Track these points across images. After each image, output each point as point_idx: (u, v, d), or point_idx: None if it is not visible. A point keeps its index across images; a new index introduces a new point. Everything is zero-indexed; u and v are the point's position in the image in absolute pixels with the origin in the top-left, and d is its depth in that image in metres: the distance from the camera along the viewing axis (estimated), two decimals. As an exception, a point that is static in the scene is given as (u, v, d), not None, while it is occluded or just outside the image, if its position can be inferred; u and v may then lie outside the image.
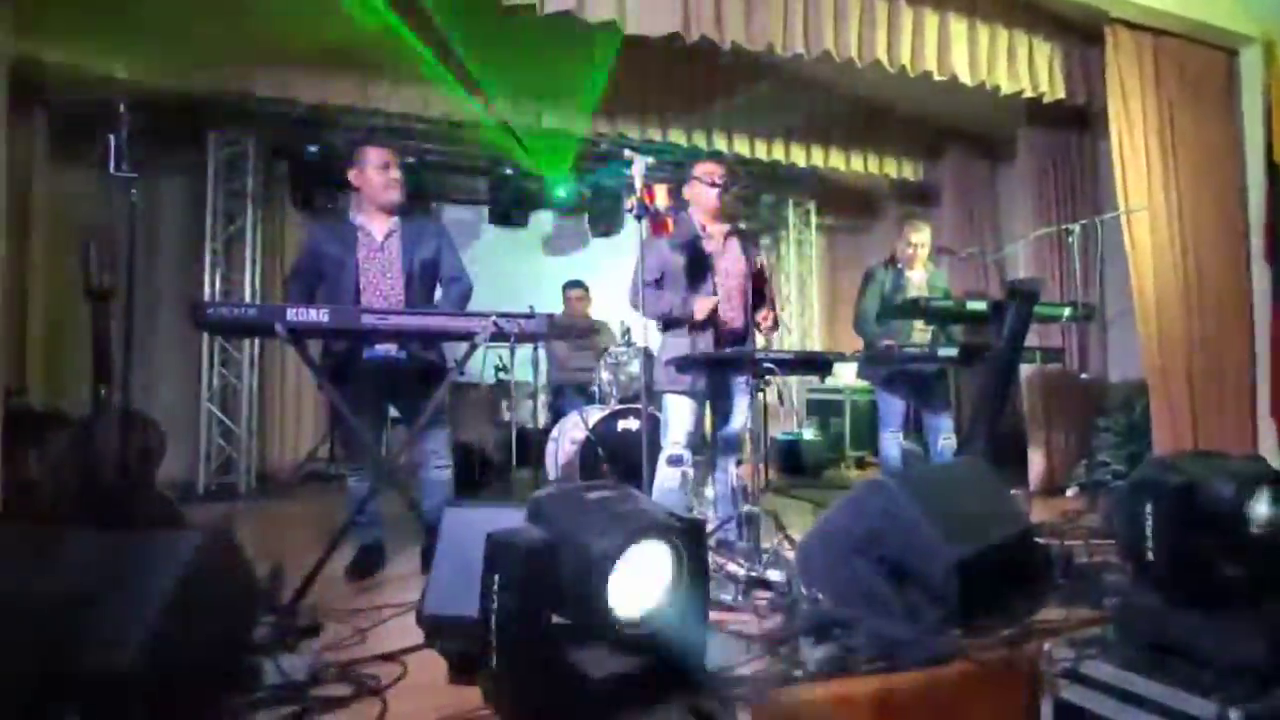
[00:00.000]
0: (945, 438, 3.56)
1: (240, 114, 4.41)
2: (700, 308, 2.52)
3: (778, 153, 4.93)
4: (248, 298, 4.69)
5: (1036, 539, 2.22)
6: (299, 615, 1.97)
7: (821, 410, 5.74)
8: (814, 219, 6.56)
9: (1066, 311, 3.23)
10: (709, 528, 2.42)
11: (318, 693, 1.52)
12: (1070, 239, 3.42)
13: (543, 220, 6.02)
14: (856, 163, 5.20)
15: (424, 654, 1.72)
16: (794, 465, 5.12)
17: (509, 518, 1.64)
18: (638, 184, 2.14)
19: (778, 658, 1.63)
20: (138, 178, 1.84)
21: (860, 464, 5.59)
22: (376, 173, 2.46)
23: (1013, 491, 3.53)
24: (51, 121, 4.15)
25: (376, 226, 2.51)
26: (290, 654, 1.58)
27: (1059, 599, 2.05)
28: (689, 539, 1.09)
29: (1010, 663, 1.69)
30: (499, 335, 2.13)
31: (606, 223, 5.95)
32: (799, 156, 5.01)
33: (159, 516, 1.94)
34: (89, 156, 4.63)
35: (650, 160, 2.15)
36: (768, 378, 2.20)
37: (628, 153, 2.14)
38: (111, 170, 1.82)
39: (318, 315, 2.01)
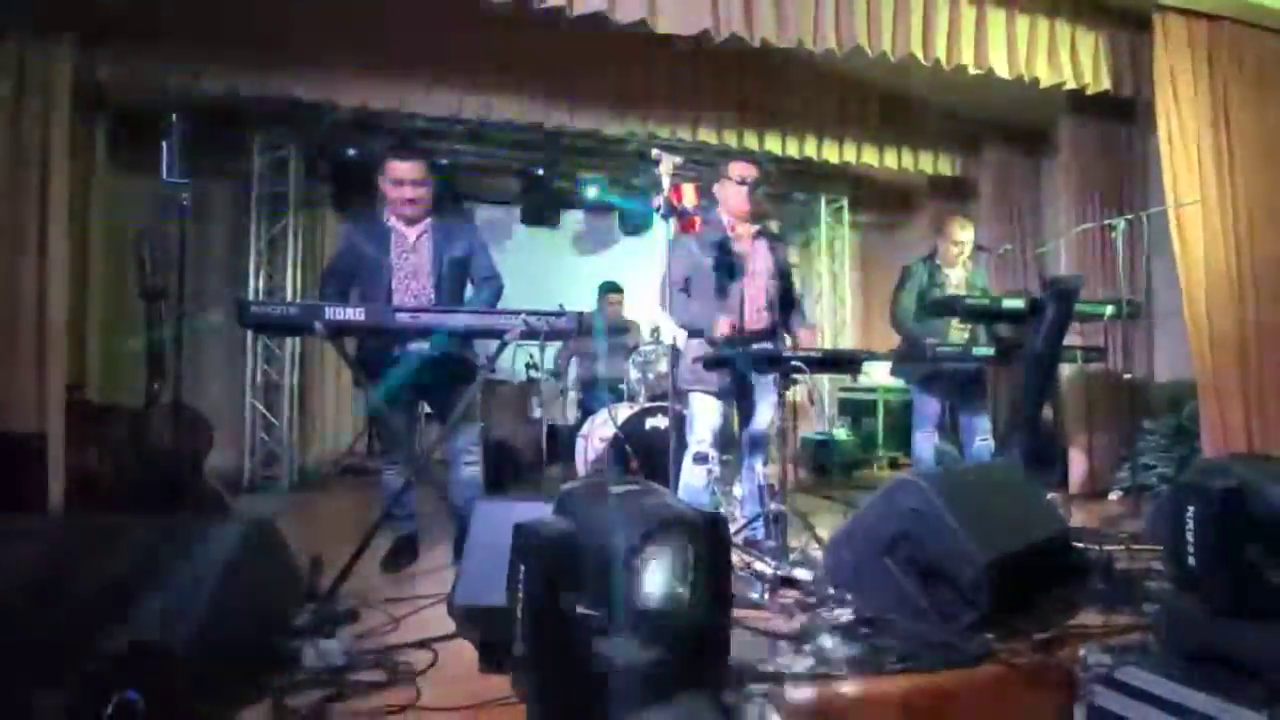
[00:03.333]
0: (982, 438, 3.49)
1: (283, 118, 4.55)
2: (719, 329, 2.51)
3: (810, 150, 4.87)
4: (289, 296, 4.85)
5: (1073, 543, 2.16)
6: (337, 603, 2.04)
7: (854, 409, 5.67)
8: (847, 216, 6.47)
9: (1109, 309, 3.14)
10: (734, 526, 2.43)
11: (353, 677, 1.58)
12: (1114, 234, 3.31)
13: (573, 220, 6.07)
14: (891, 159, 5.10)
15: (455, 643, 1.77)
16: (825, 465, 5.07)
17: (538, 512, 1.69)
18: (665, 183, 2.15)
19: (805, 654, 1.64)
20: (189, 184, 1.92)
21: (893, 464, 5.51)
22: (393, 187, 2.53)
23: (1051, 495, 3.45)
24: (111, 128, 4.35)
25: (409, 227, 2.58)
26: (328, 640, 1.63)
27: (1098, 604, 2.01)
28: (710, 532, 1.11)
29: (1042, 667, 1.66)
30: (529, 334, 2.17)
31: (636, 222, 5.98)
32: (831, 153, 4.94)
33: (207, 506, 2.03)
34: (145, 162, 4.87)
35: (678, 159, 2.16)
36: (795, 377, 2.19)
37: (655, 151, 2.15)
38: (164, 177, 1.90)
39: (354, 314, 2.07)
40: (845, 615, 1.81)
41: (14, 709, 1.28)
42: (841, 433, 5.36)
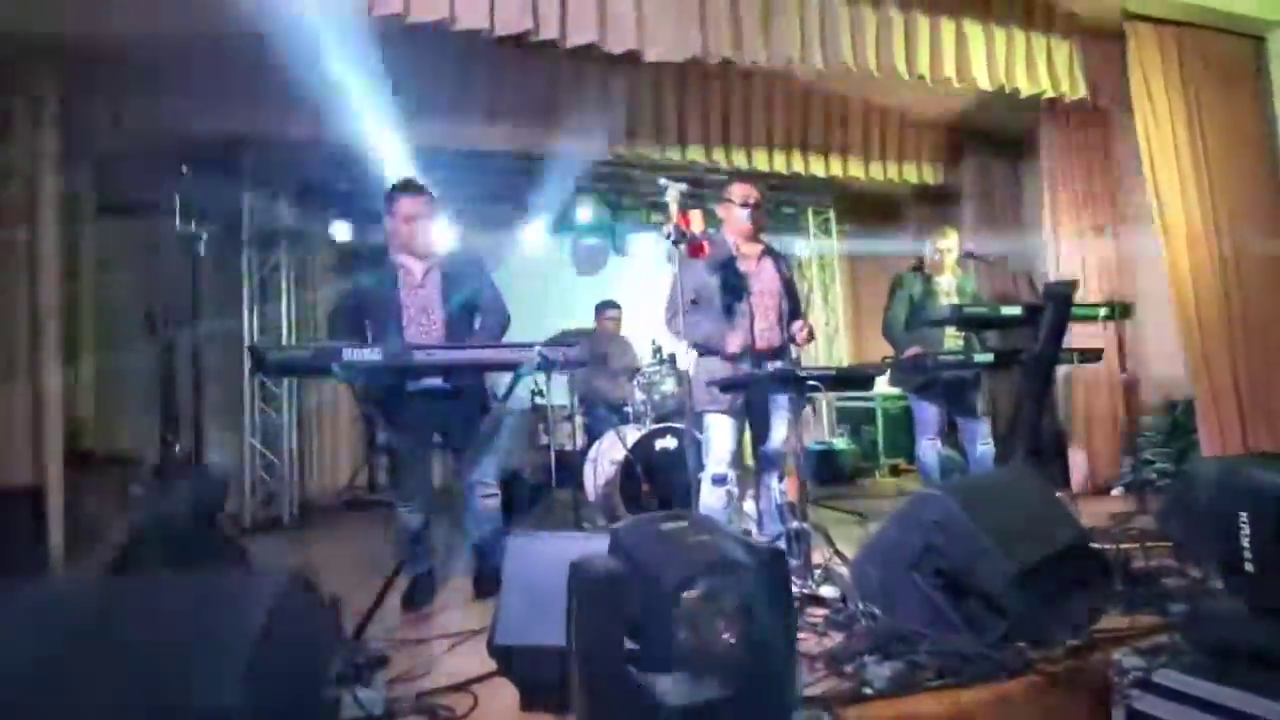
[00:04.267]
0: (983, 442, 3.54)
1: (273, 155, 4.54)
2: (731, 344, 2.54)
3: (796, 164, 4.95)
4: (284, 334, 4.81)
5: (1092, 544, 2.20)
6: (364, 647, 2.01)
7: (853, 418, 5.71)
8: (834, 227, 6.56)
9: (1103, 311, 3.21)
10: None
11: (395, 725, 1.56)
12: (1104, 237, 3.39)
13: (564, 241, 6.10)
14: (875, 170, 5.20)
15: (491, 683, 1.75)
16: (827, 475, 5.10)
17: (570, 546, 1.68)
18: (673, 210, 2.18)
19: (843, 676, 1.64)
20: (203, 235, 1.91)
21: (894, 471, 5.55)
22: (404, 224, 2.53)
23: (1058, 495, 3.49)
24: (98, 173, 4.31)
25: (415, 264, 2.58)
26: (366, 688, 1.61)
27: (1120, 606, 2.03)
28: (768, 569, 1.11)
29: (1078, 673, 1.68)
30: (543, 365, 2.17)
31: (627, 242, 6.02)
32: (817, 167, 5.03)
33: (228, 557, 2.00)
34: (134, 206, 4.84)
35: (684, 186, 2.19)
36: (811, 394, 2.21)
37: (662, 180, 2.19)
38: (178, 227, 1.89)
39: (371, 354, 2.07)
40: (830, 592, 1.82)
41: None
42: (842, 442, 5.40)
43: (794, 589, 2.12)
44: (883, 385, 5.04)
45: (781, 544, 2.48)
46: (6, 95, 3.39)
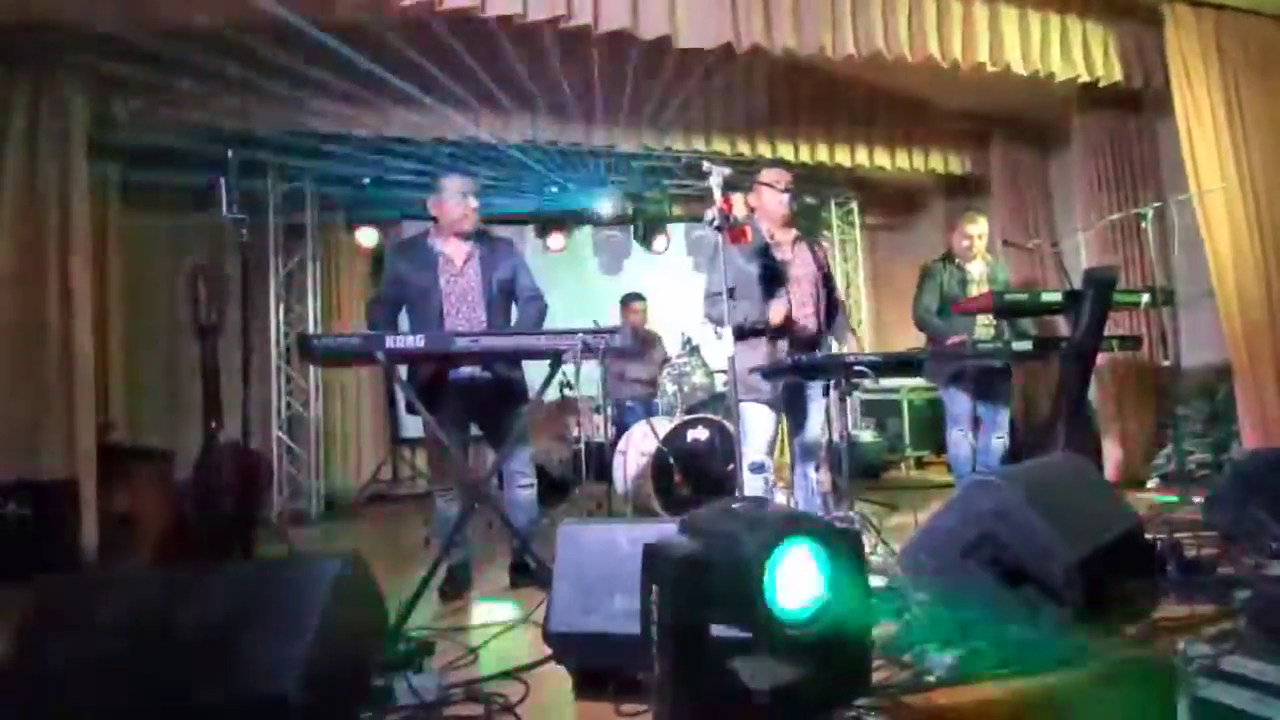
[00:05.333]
0: (999, 435, 3.48)
1: (300, 149, 4.55)
2: (775, 313, 2.51)
3: (821, 155, 4.89)
4: (310, 326, 4.83)
5: (1146, 534, 2.15)
6: (408, 635, 2.01)
7: (878, 411, 5.66)
8: (857, 219, 6.50)
9: (1145, 298, 3.15)
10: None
11: (451, 712, 1.54)
12: (1144, 223, 3.33)
13: (587, 235, 6.08)
14: (901, 159, 5.13)
15: (542, 670, 1.74)
16: (852, 467, 5.03)
17: (620, 534, 1.67)
18: (716, 195, 2.14)
19: (901, 665, 1.61)
20: (247, 219, 1.91)
21: (920, 464, 5.50)
22: (456, 205, 2.52)
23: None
24: (125, 167, 4.34)
25: (455, 251, 2.57)
26: (419, 674, 1.60)
27: (1176, 595, 1.99)
28: (844, 540, 1.09)
29: (1143, 662, 1.64)
30: (587, 352, 2.15)
31: (649, 235, 5.99)
32: (843, 157, 4.97)
33: (276, 542, 2.00)
34: (160, 201, 4.87)
35: (728, 171, 2.15)
36: (854, 381, 2.18)
37: (705, 164, 2.15)
38: (223, 213, 1.89)
39: (414, 341, 2.06)
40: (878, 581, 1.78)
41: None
42: (867, 434, 5.35)
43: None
44: (908, 376, 5.01)
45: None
46: (40, 87, 3.41)
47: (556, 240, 5.53)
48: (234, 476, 1.90)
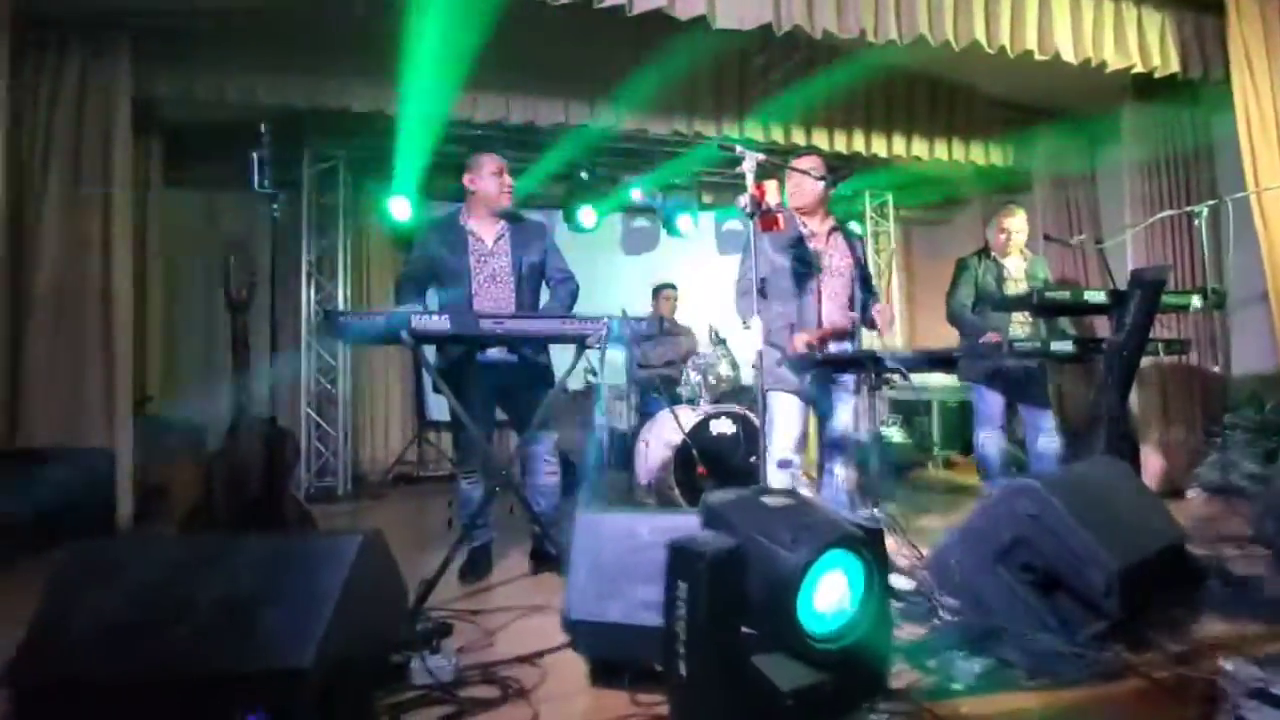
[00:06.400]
0: (1047, 436, 3.37)
1: (333, 129, 4.58)
2: (797, 342, 2.44)
3: (857, 143, 4.77)
4: (340, 305, 4.88)
5: (1189, 547, 2.06)
6: (426, 617, 2.01)
7: (906, 409, 5.55)
8: (891, 211, 6.34)
9: (1196, 301, 3.01)
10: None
11: (462, 693, 1.54)
12: (1198, 221, 3.17)
13: (615, 221, 6.04)
14: (940, 149, 4.97)
15: (557, 656, 1.73)
16: (879, 465, 4.95)
17: (640, 524, 1.64)
18: (749, 180, 2.09)
19: (929, 670, 1.57)
20: (279, 194, 1.91)
21: (948, 464, 5.38)
22: (492, 179, 2.50)
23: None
24: (165, 144, 4.41)
25: (486, 230, 2.55)
26: (435, 654, 1.60)
27: (1220, 611, 1.91)
28: (874, 548, 1.05)
29: (1184, 681, 1.57)
30: (616, 338, 2.12)
31: (677, 222, 5.92)
32: (879, 146, 4.83)
33: (297, 520, 2.02)
34: (198, 178, 4.94)
35: (761, 157, 2.09)
36: (889, 377, 2.12)
37: (739, 149, 2.09)
38: (255, 187, 1.89)
39: (439, 322, 2.05)
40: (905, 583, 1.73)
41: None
42: (895, 432, 5.24)
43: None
44: (935, 376, 4.89)
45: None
46: (86, 64, 3.47)
47: (588, 217, 5.46)
48: (261, 452, 1.91)
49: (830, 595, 1.02)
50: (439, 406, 5.00)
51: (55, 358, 3.32)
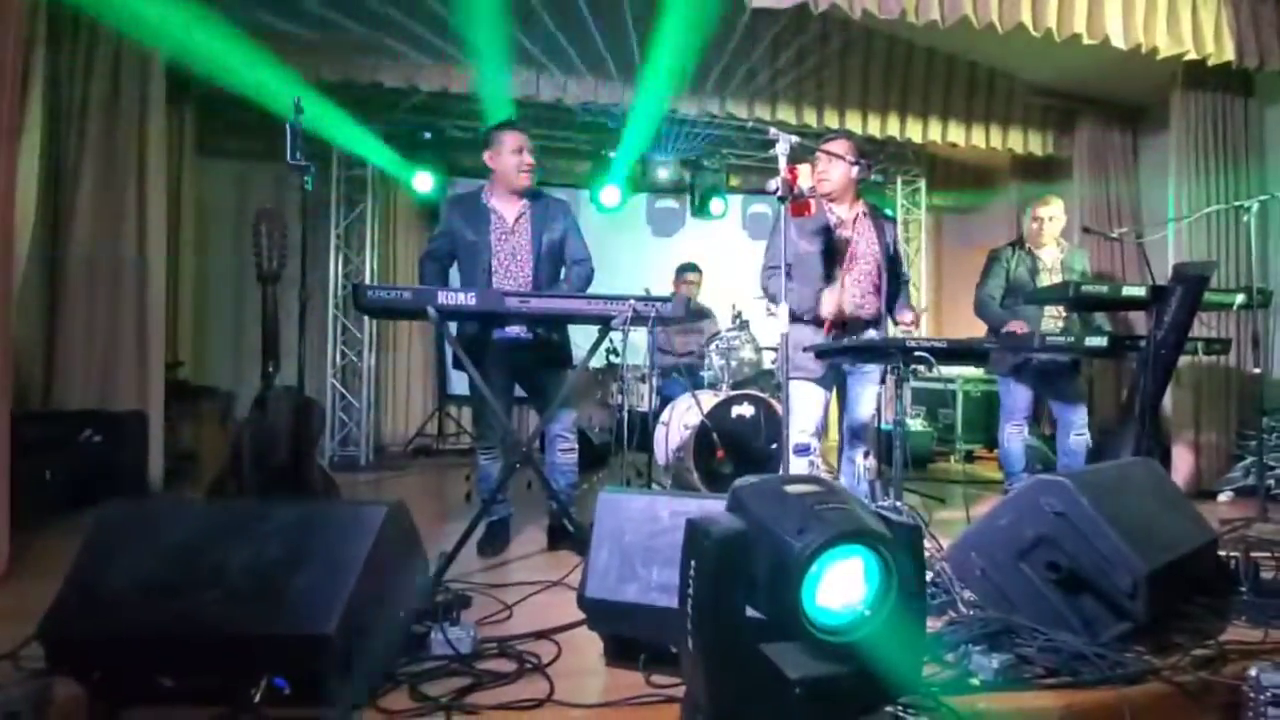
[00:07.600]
0: (1078, 432, 3.31)
1: (364, 103, 4.58)
2: (825, 306, 2.41)
3: (891, 128, 4.65)
4: (367, 278, 4.92)
5: (1220, 550, 2.02)
6: (444, 589, 2.04)
7: (929, 400, 5.46)
8: (924, 198, 6.21)
9: (1239, 298, 2.92)
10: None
11: (480, 666, 1.56)
12: (1246, 217, 3.06)
13: (642, 202, 5.99)
14: (976, 135, 4.83)
15: (574, 633, 1.74)
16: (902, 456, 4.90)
17: (661, 506, 1.64)
18: (781, 164, 2.05)
19: (947, 665, 1.56)
20: (311, 166, 1.92)
21: (970, 457, 5.31)
22: (512, 156, 2.49)
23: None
24: (197, 114, 4.45)
25: (508, 208, 2.55)
26: (455, 626, 1.63)
27: (1249, 617, 1.87)
28: (902, 546, 1.03)
29: (1208, 686, 1.54)
30: (637, 319, 2.11)
31: (705, 203, 5.85)
32: (914, 131, 4.71)
33: (321, 489, 2.06)
34: (230, 148, 4.99)
35: (795, 139, 2.05)
36: (916, 368, 2.08)
37: (772, 131, 2.05)
38: (289, 159, 1.90)
39: (466, 298, 2.05)
40: (979, 620, 1.71)
41: (164, 690, 1.31)
42: (917, 423, 5.18)
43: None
44: (960, 367, 4.80)
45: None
46: (121, 35, 3.49)
47: (611, 195, 5.42)
48: (289, 420, 1.94)
49: (839, 587, 1.00)
50: (459, 381, 5.04)
51: (90, 323, 3.40)
